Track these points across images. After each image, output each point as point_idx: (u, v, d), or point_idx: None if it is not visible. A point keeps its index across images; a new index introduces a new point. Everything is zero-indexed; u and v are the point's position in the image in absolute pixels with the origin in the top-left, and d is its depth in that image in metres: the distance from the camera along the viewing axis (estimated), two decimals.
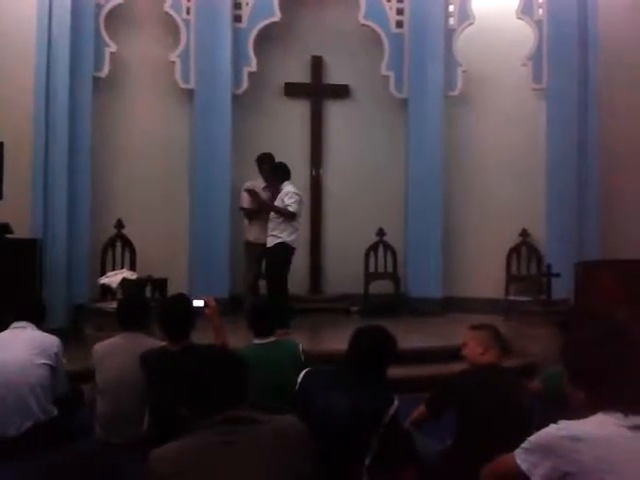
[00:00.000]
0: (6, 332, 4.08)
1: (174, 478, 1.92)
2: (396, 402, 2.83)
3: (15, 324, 4.09)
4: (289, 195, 6.55)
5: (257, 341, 3.85)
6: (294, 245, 6.60)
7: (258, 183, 7.28)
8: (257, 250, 7.14)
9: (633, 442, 1.85)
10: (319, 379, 2.97)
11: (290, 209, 6.48)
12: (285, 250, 6.54)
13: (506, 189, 8.18)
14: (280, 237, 6.49)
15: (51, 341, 4.04)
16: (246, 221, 7.45)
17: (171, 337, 3.66)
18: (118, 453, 3.61)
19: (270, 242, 6.56)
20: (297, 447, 2.05)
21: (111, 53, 7.41)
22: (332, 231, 8.53)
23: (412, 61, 8.17)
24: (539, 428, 1.96)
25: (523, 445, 1.96)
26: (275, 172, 6.79)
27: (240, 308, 6.88)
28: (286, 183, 6.68)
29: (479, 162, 8.31)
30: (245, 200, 7.33)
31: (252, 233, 7.30)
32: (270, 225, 6.60)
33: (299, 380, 2.99)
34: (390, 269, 8.33)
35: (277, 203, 6.59)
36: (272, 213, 6.60)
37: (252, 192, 7.04)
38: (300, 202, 6.66)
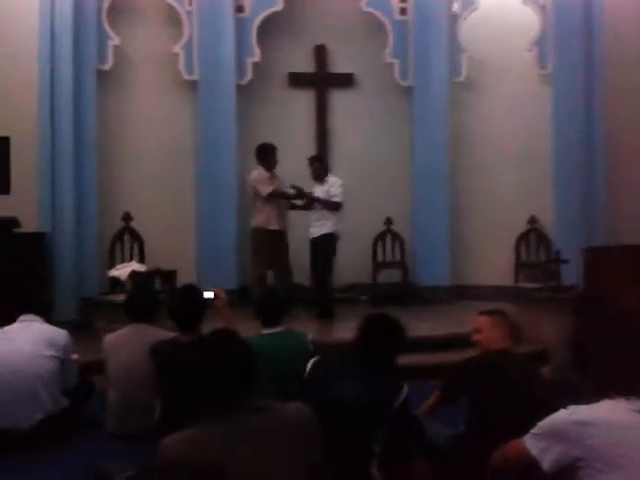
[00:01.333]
0: (15, 325, 4.10)
1: (184, 467, 1.92)
2: (405, 389, 2.82)
3: (23, 317, 4.10)
4: (336, 186, 6.80)
5: (265, 331, 3.85)
6: (339, 234, 6.81)
7: (262, 171, 7.00)
8: (269, 237, 6.75)
9: None
10: (328, 367, 2.96)
11: (336, 199, 6.73)
12: (334, 240, 6.76)
13: (513, 176, 8.15)
14: (326, 226, 6.71)
15: (59, 334, 4.05)
16: (259, 204, 6.86)
17: (182, 328, 3.68)
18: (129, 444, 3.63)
19: (316, 232, 6.75)
20: (306, 433, 2.05)
21: (114, 46, 7.41)
22: None
23: (416, 48, 8.11)
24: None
25: (533, 430, 1.95)
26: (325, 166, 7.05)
27: (248, 298, 6.75)
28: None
29: (486, 149, 8.27)
30: (263, 186, 6.79)
31: (260, 219, 6.79)
32: (315, 215, 6.80)
33: (308, 368, 2.99)
34: (398, 258, 8.33)
35: (323, 193, 6.78)
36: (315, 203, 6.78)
37: (298, 188, 6.80)
38: (344, 192, 6.85)
